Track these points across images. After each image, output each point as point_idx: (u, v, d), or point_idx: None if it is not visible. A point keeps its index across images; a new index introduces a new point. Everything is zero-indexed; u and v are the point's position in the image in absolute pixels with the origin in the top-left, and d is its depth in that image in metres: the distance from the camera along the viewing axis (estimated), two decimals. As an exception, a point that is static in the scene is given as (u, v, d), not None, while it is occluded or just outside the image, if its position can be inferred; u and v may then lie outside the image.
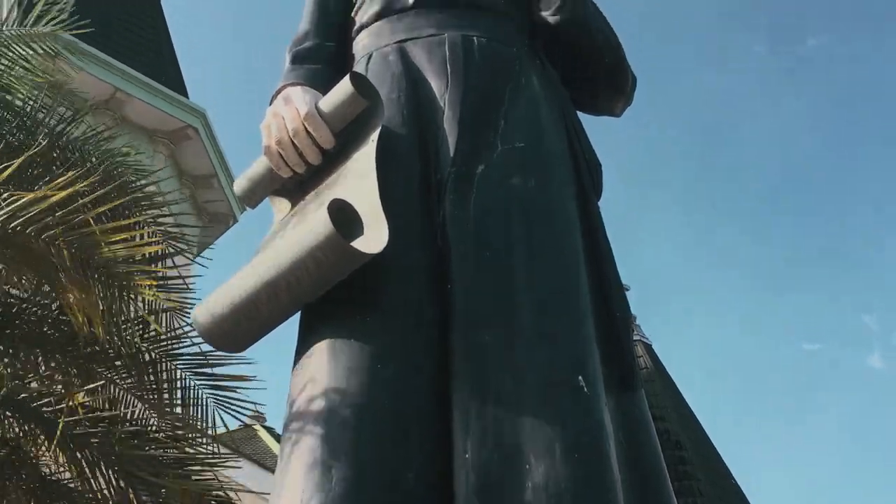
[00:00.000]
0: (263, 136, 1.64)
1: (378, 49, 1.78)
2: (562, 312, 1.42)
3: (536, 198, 1.54)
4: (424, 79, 1.69)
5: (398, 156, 1.57)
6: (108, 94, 10.45)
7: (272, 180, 1.66)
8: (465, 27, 1.77)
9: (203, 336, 1.45)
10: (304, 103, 1.60)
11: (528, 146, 1.61)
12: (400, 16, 1.81)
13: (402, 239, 1.44)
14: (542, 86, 1.76)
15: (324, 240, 1.32)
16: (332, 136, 1.57)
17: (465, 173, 1.55)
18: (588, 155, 1.76)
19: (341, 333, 1.39)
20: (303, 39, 1.87)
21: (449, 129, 1.60)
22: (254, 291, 1.39)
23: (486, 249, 1.47)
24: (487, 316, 1.39)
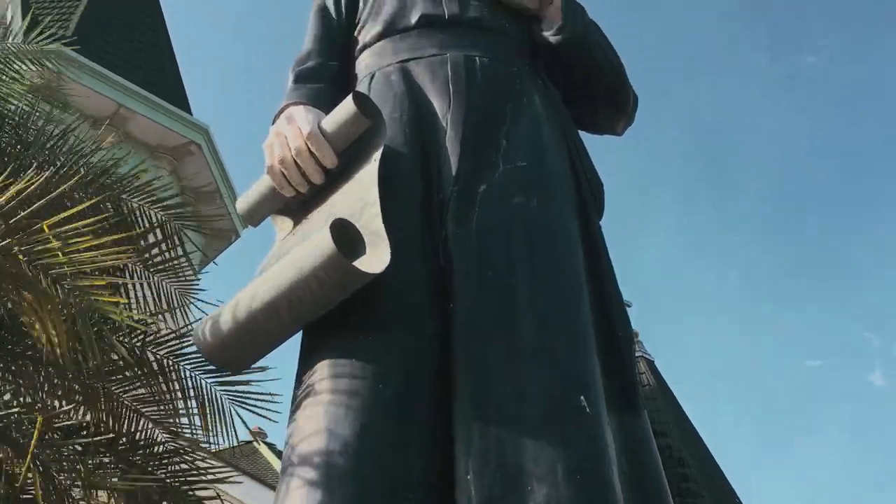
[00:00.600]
0: (266, 155, 1.65)
1: (381, 68, 1.79)
2: (564, 331, 1.42)
3: (538, 217, 1.55)
4: (427, 98, 1.70)
5: (400, 175, 1.58)
6: (111, 110, 10.49)
7: (275, 199, 1.67)
8: (468, 47, 1.78)
9: (205, 354, 1.45)
10: (307, 123, 1.60)
11: (529, 165, 1.61)
12: (402, 36, 1.82)
13: (404, 258, 1.44)
14: (544, 105, 1.77)
15: (326, 259, 1.33)
16: (335, 155, 1.58)
17: (467, 192, 1.56)
18: (589, 174, 1.76)
19: (342, 353, 1.39)
20: (306, 59, 1.88)
21: (451, 149, 1.61)
22: (256, 310, 1.39)
23: (488, 268, 1.47)
24: (489, 332, 1.39)
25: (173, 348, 4.84)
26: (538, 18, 1.89)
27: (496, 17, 1.85)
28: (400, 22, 1.84)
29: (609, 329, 1.56)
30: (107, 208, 4.85)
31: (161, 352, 4.79)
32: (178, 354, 4.85)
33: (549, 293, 1.46)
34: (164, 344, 4.82)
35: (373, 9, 1.92)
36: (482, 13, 1.85)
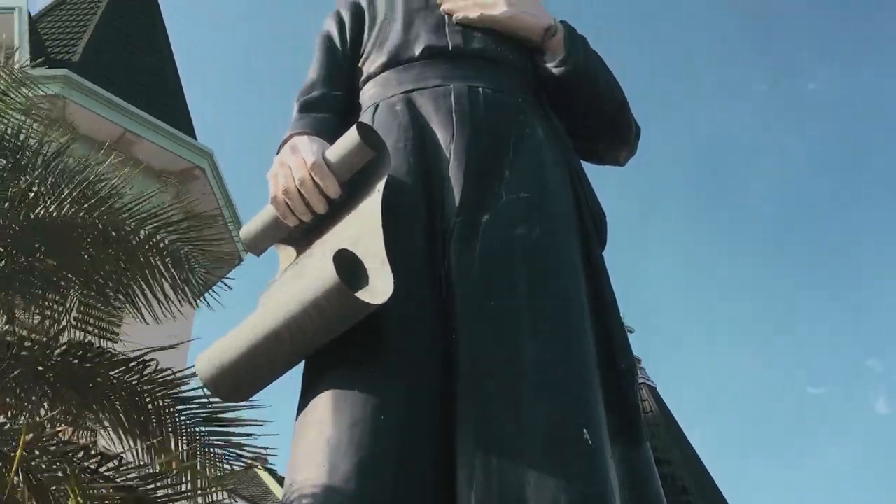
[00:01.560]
0: (270, 185, 1.66)
1: (385, 99, 1.81)
2: (567, 364, 1.42)
3: (541, 247, 1.55)
4: (430, 129, 1.71)
5: (404, 205, 1.59)
6: (117, 135, 10.56)
7: (278, 229, 1.68)
8: (471, 78, 1.79)
9: (207, 386, 1.45)
10: (311, 153, 1.61)
11: (532, 196, 1.62)
12: (407, 66, 1.84)
13: (407, 289, 1.45)
14: (547, 136, 1.78)
15: (328, 290, 1.33)
16: (339, 185, 1.59)
17: (469, 223, 1.56)
18: (592, 204, 1.77)
19: (345, 384, 1.39)
20: (311, 89, 1.90)
21: (454, 179, 1.62)
22: (258, 341, 1.39)
23: (491, 299, 1.47)
24: (492, 366, 1.39)
25: (170, 390, 4.84)
26: (541, 50, 1.91)
27: (499, 49, 1.87)
28: (404, 53, 1.86)
29: (611, 361, 1.55)
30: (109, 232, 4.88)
31: (157, 392, 4.79)
32: (173, 397, 4.85)
33: (552, 325, 1.46)
34: (160, 384, 4.82)
35: (377, 40, 1.94)
36: (485, 45, 1.87)
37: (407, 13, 1.95)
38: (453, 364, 1.43)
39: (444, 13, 1.94)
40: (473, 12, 1.90)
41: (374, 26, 1.98)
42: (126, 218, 5.05)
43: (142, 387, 4.68)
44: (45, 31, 12.26)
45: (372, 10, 2.03)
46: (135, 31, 13.05)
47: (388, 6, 2.00)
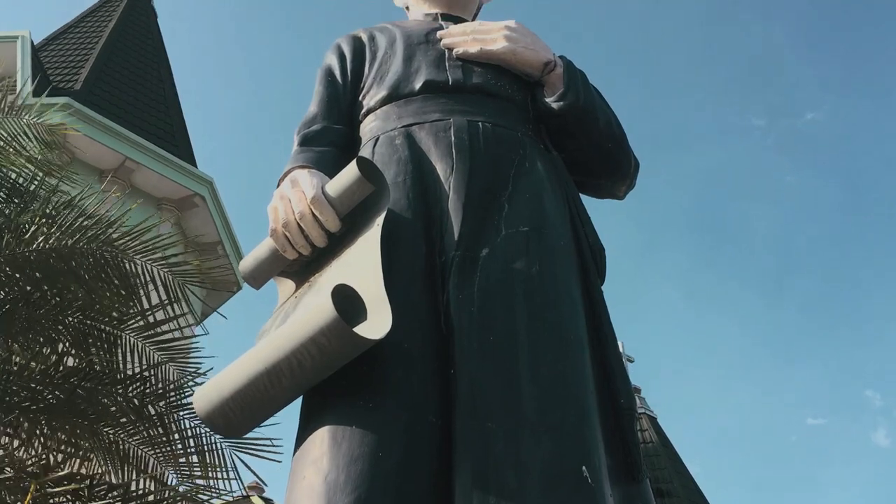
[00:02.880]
0: (270, 218, 1.66)
1: (385, 132, 1.81)
2: (566, 402, 1.41)
3: (540, 282, 1.54)
4: (430, 163, 1.72)
5: (403, 239, 1.59)
6: (117, 163, 10.60)
7: (277, 262, 1.67)
8: (471, 112, 1.80)
9: (204, 421, 1.43)
10: (310, 186, 1.62)
11: (532, 230, 1.62)
12: (407, 101, 1.85)
13: (406, 324, 1.44)
14: (546, 170, 1.78)
15: (327, 325, 1.32)
16: (338, 219, 1.59)
17: (469, 256, 1.56)
18: (591, 239, 1.77)
19: (343, 420, 1.37)
20: (311, 122, 1.91)
21: (453, 213, 1.62)
22: (256, 376, 1.38)
23: (490, 334, 1.46)
24: (491, 404, 1.38)
25: (172, 401, 4.84)
26: (540, 84, 1.92)
27: (499, 83, 1.88)
28: (404, 87, 1.87)
29: (611, 397, 1.54)
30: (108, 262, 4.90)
31: (160, 403, 4.79)
32: (176, 406, 4.85)
33: (551, 361, 1.45)
34: (163, 396, 4.82)
35: (378, 74, 1.95)
36: (485, 79, 1.87)
37: (407, 47, 1.96)
38: (451, 399, 1.42)
39: (445, 48, 1.95)
40: (473, 47, 1.91)
41: (375, 60, 1.99)
42: (123, 250, 5.08)
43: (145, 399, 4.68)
44: (47, 60, 12.34)
45: (373, 45, 2.04)
46: (137, 60, 13.14)
47: (389, 41, 2.02)
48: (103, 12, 13.98)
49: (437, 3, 2.17)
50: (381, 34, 2.06)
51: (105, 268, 4.86)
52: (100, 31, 13.28)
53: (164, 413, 4.80)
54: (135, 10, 14.24)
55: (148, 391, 4.78)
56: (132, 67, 12.89)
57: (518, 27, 1.95)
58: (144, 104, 12.31)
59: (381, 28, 2.10)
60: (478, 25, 1.97)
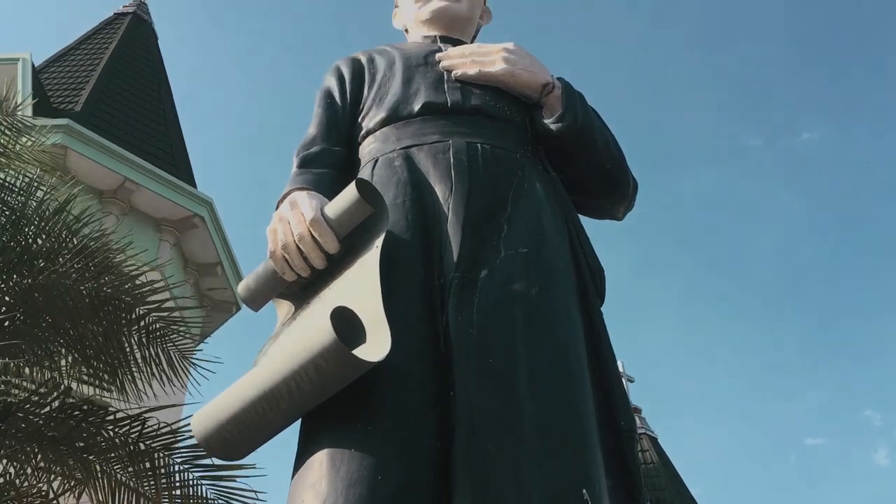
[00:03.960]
0: (269, 240, 1.66)
1: (384, 154, 1.81)
2: (566, 423, 1.40)
3: (539, 303, 1.54)
4: (429, 184, 1.72)
5: (402, 261, 1.58)
6: (116, 184, 10.61)
7: (276, 284, 1.67)
8: (470, 134, 1.80)
9: (202, 445, 1.42)
10: (310, 209, 1.62)
11: (531, 251, 1.62)
12: (406, 122, 1.85)
13: (405, 346, 1.43)
14: (545, 191, 1.78)
15: (325, 348, 1.32)
16: (337, 241, 1.59)
17: (468, 278, 1.56)
18: (590, 260, 1.76)
19: (342, 443, 1.37)
20: (310, 144, 1.91)
21: (452, 235, 1.62)
22: (254, 399, 1.38)
23: (489, 356, 1.46)
24: (491, 426, 1.37)
25: (167, 441, 4.83)
26: (539, 106, 1.93)
27: (498, 105, 1.89)
28: (403, 109, 1.87)
29: (611, 419, 1.54)
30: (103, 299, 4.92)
31: (155, 445, 4.79)
32: (170, 448, 4.85)
33: (551, 383, 1.44)
34: (157, 437, 4.81)
35: (377, 96, 1.96)
36: (484, 101, 1.88)
37: (406, 70, 1.97)
38: (451, 421, 1.41)
39: (443, 70, 1.96)
40: (472, 69, 1.92)
41: (374, 82, 2.00)
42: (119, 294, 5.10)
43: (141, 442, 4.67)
44: (48, 82, 12.40)
45: (372, 67, 2.05)
46: (137, 82, 13.20)
47: (388, 63, 2.03)
48: (104, 35, 14.06)
49: (436, 25, 2.18)
50: (381, 56, 2.07)
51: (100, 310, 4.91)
52: (101, 54, 13.35)
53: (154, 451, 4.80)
54: (135, 33, 14.32)
55: (145, 431, 4.79)
56: (132, 89, 12.94)
57: (516, 49, 1.96)
58: (144, 125, 12.35)
59: (380, 50, 2.11)
60: (476, 48, 1.98)
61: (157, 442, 4.75)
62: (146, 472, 4.67)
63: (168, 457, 4.76)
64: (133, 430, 4.60)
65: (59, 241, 4.96)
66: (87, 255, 4.90)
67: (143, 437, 4.66)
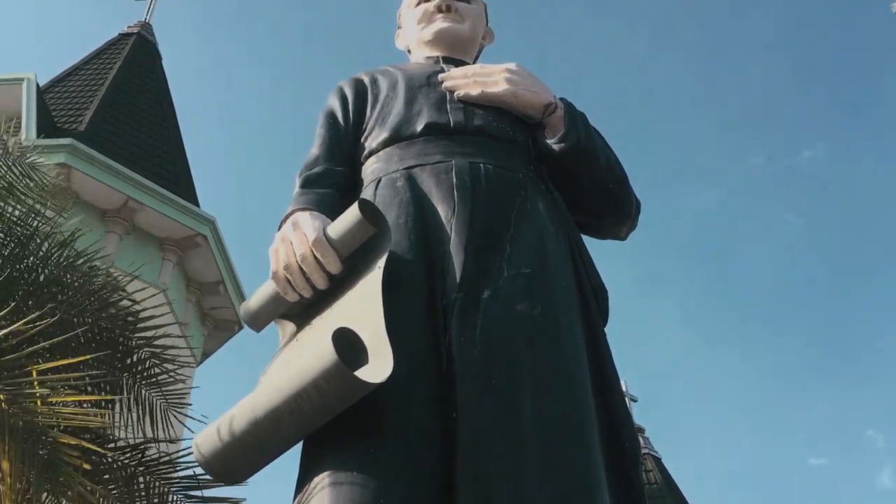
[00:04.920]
0: (271, 260, 1.65)
1: (387, 174, 1.81)
2: (570, 445, 1.39)
3: (542, 324, 1.54)
4: (432, 204, 1.71)
5: (405, 282, 1.58)
6: (120, 203, 10.64)
7: (278, 304, 1.66)
8: (472, 154, 1.80)
9: (204, 468, 1.41)
10: (312, 229, 1.61)
11: (534, 272, 1.61)
12: (409, 142, 1.85)
13: (407, 367, 1.43)
14: (548, 211, 1.78)
15: (327, 369, 1.31)
16: (340, 261, 1.58)
17: (471, 298, 1.55)
18: (593, 280, 1.76)
19: (344, 465, 1.36)
20: (313, 164, 1.91)
21: (455, 255, 1.61)
22: (256, 421, 1.37)
23: (492, 377, 1.45)
24: (493, 448, 1.36)
25: (163, 472, 4.82)
26: (542, 126, 1.93)
27: (500, 125, 1.89)
28: (406, 129, 1.87)
29: (615, 440, 1.53)
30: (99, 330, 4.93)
31: (151, 477, 4.78)
32: (166, 479, 4.84)
33: (554, 403, 1.43)
34: (154, 467, 4.80)
35: (380, 116, 1.96)
36: (486, 121, 1.88)
37: (409, 90, 1.98)
38: (454, 443, 1.40)
39: (446, 90, 1.96)
40: (474, 89, 1.93)
41: (377, 103, 2.00)
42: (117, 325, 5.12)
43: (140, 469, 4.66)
44: (52, 102, 12.46)
45: (375, 87, 2.05)
46: (141, 101, 13.27)
47: (391, 83, 2.03)
48: (109, 55, 14.15)
49: (439, 45, 2.19)
50: (383, 77, 2.08)
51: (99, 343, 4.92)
52: (105, 74, 13.42)
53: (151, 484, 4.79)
54: (140, 53, 14.41)
55: (143, 459, 4.78)
56: (136, 108, 13.01)
57: (519, 69, 1.97)
58: (148, 144, 12.39)
59: (382, 71, 2.12)
60: (479, 68, 1.99)
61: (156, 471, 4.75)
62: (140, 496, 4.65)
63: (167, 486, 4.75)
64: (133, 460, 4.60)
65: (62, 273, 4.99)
66: (88, 293, 4.93)
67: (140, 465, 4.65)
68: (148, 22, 15.41)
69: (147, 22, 15.40)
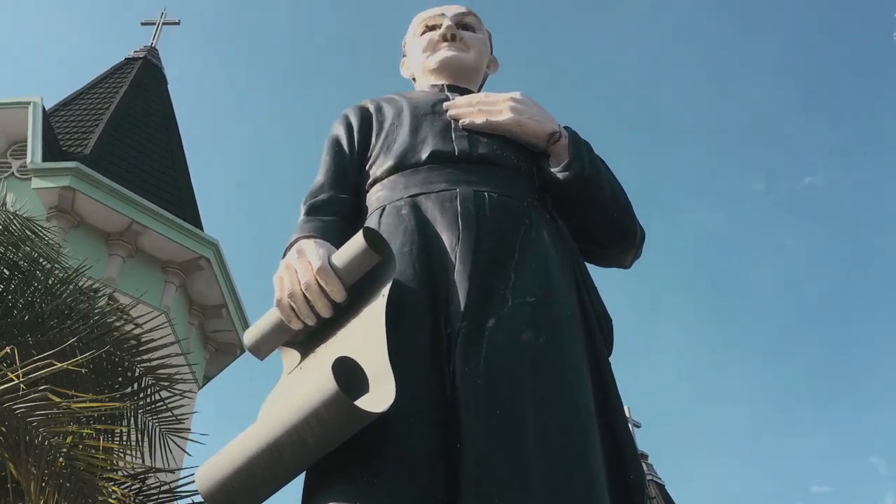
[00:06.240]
0: (276, 288, 1.65)
1: (391, 202, 1.81)
2: (574, 476, 1.38)
3: (547, 355, 1.53)
4: (436, 233, 1.71)
5: (409, 310, 1.57)
6: (124, 226, 10.66)
7: (282, 332, 1.66)
8: (477, 182, 1.81)
9: (206, 498, 1.40)
10: (317, 257, 1.61)
11: (538, 301, 1.61)
12: (414, 170, 1.86)
13: (410, 396, 1.42)
14: (553, 239, 1.78)
15: (328, 400, 1.30)
16: (344, 290, 1.58)
17: (475, 327, 1.55)
18: (598, 309, 1.75)
19: (346, 497, 1.34)
20: (318, 191, 1.91)
21: (459, 283, 1.61)
22: (258, 452, 1.36)
23: (496, 407, 1.44)
24: (497, 479, 1.35)
25: (163, 501, 4.81)
26: (546, 154, 1.93)
27: (505, 153, 1.89)
28: (411, 158, 1.88)
29: (620, 471, 1.51)
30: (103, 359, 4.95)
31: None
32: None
33: (559, 435, 1.42)
34: (155, 496, 4.79)
35: (385, 144, 1.97)
36: (491, 149, 1.89)
37: (414, 118, 1.98)
38: (458, 474, 1.39)
39: (451, 118, 1.97)
40: (479, 118, 1.93)
41: (382, 131, 2.01)
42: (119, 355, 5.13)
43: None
44: (58, 125, 12.53)
45: (380, 115, 2.06)
46: (147, 125, 13.34)
47: (396, 111, 2.04)
48: (115, 79, 14.24)
49: (443, 74, 2.21)
50: (388, 105, 2.09)
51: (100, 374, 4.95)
52: (111, 97, 13.51)
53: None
54: (145, 77, 14.51)
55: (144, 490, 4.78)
56: (142, 132, 13.07)
57: (523, 98, 1.97)
58: (153, 168, 12.44)
59: (387, 99, 2.13)
60: (483, 97, 1.99)
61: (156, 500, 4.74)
62: None
63: None
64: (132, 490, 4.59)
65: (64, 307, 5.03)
66: (91, 325, 4.95)
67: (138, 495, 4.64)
68: (154, 46, 15.53)
69: (153, 46, 15.51)
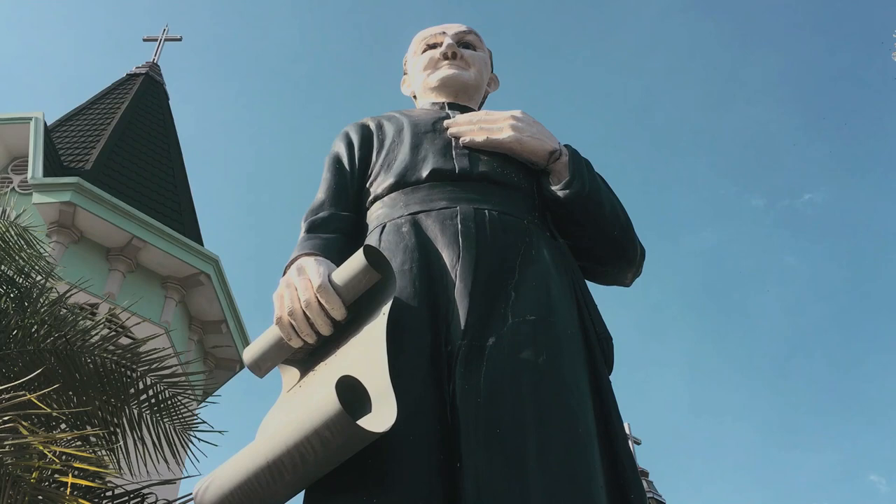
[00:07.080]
0: (276, 306, 1.65)
1: (392, 220, 1.81)
2: (575, 496, 1.37)
3: (547, 373, 1.52)
4: (437, 250, 1.71)
5: (409, 329, 1.57)
6: (124, 242, 10.66)
7: (282, 350, 1.65)
8: (477, 200, 1.81)
9: (204, 517, 1.39)
10: (317, 275, 1.61)
11: (538, 319, 1.60)
12: (414, 188, 1.86)
13: (411, 415, 1.41)
14: (553, 257, 1.77)
15: (330, 418, 1.30)
16: (344, 308, 1.58)
17: (475, 346, 1.54)
18: (598, 327, 1.75)
19: None
20: (318, 209, 1.91)
21: (460, 302, 1.60)
22: (258, 470, 1.35)
23: (497, 426, 1.43)
24: (498, 500, 1.34)
25: None
26: (546, 173, 1.94)
27: (505, 172, 1.89)
28: (411, 175, 1.88)
29: (620, 490, 1.51)
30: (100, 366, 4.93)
31: None
32: None
33: (559, 454, 1.41)
34: None
35: (385, 161, 1.97)
36: (491, 167, 1.89)
37: (414, 136, 1.99)
38: (458, 493, 1.38)
39: (451, 136, 1.97)
40: (480, 136, 1.94)
41: (383, 148, 2.01)
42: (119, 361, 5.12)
43: None
44: (59, 140, 12.56)
45: (380, 133, 2.07)
46: (147, 141, 13.37)
47: (396, 129, 2.04)
48: (117, 94, 14.29)
49: (444, 92, 2.21)
50: (389, 122, 2.09)
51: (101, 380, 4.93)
52: (112, 113, 13.55)
53: None
54: (147, 93, 14.56)
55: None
56: (143, 148, 13.10)
57: (524, 116, 1.98)
58: (153, 183, 12.46)
59: (388, 116, 2.13)
60: (484, 115, 2.00)
61: None
62: None
63: None
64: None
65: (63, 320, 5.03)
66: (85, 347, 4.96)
67: None
68: (156, 62, 15.60)
69: (155, 62, 15.58)
